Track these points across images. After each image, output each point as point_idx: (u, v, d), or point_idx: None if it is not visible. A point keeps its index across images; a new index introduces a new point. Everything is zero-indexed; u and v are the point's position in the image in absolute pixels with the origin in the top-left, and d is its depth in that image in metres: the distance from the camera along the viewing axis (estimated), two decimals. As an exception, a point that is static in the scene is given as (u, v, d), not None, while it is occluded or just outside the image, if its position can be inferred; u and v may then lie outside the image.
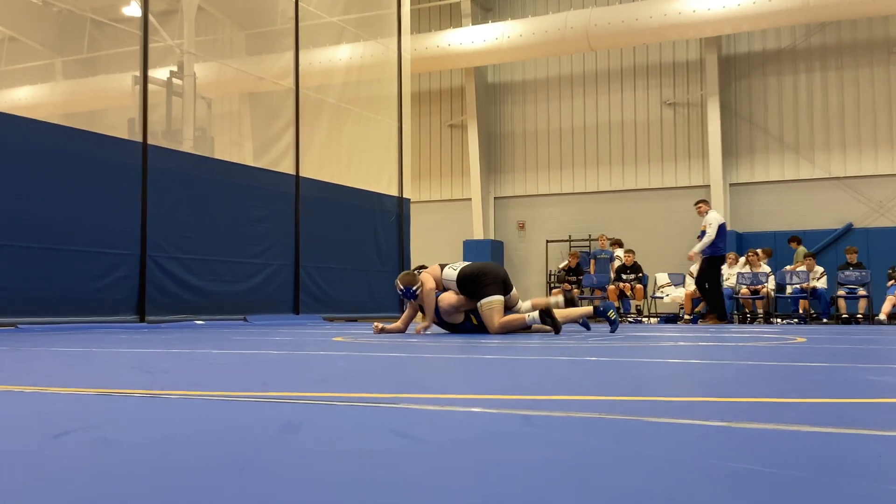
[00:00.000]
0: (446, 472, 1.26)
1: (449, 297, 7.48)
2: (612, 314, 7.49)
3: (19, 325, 8.54)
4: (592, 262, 17.00)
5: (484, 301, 7.23)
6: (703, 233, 12.59)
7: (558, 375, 3.17)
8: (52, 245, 9.22)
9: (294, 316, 12.75)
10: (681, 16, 17.19)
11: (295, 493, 1.11)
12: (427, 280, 7.55)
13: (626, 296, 15.39)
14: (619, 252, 16.19)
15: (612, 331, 7.55)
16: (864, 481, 1.19)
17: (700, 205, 13.06)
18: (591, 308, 7.74)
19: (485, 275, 7.37)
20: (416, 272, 7.90)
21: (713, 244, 12.47)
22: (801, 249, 15.39)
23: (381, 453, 1.41)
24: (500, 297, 7.25)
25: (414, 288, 7.54)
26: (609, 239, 17.15)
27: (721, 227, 12.65)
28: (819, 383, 2.82)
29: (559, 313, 7.49)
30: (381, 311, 13.16)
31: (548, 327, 7.34)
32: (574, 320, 7.61)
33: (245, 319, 11.53)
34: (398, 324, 7.91)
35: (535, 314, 7.07)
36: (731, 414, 1.95)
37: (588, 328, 7.60)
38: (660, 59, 20.04)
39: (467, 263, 7.67)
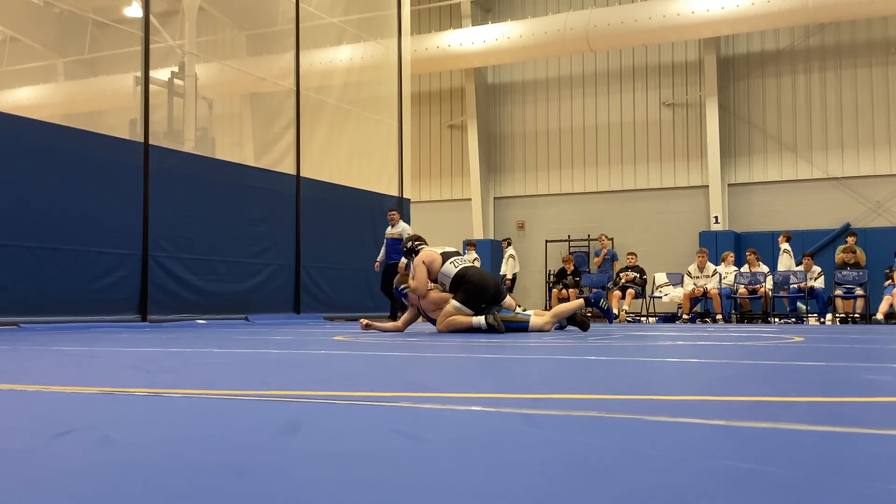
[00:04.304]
0: (447, 471, 1.27)
1: (434, 295, 7.58)
2: (604, 303, 7.69)
3: (21, 325, 8.55)
4: (597, 259, 16.98)
5: (454, 303, 7.39)
6: (396, 240, 12.55)
7: (558, 374, 3.18)
8: (54, 245, 9.23)
9: (295, 315, 12.76)
10: (679, 17, 17.20)
11: (295, 493, 1.12)
12: (419, 265, 7.60)
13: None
14: (786, 245, 15.71)
15: (609, 320, 8.14)
16: (862, 480, 1.20)
17: (394, 213, 13.01)
18: (582, 301, 7.79)
19: (473, 283, 7.46)
20: (414, 243, 7.99)
21: (391, 254, 12.50)
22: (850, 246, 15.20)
23: (382, 452, 1.41)
24: (468, 311, 7.38)
25: (402, 287, 7.81)
26: (610, 238, 17.11)
27: None
28: (817, 382, 2.83)
29: (554, 311, 7.62)
30: (381, 311, 13.17)
31: (548, 328, 7.44)
32: (565, 316, 7.64)
33: (246, 319, 11.54)
34: (398, 323, 7.93)
35: (482, 319, 7.22)
36: (730, 413, 1.96)
37: (583, 328, 7.60)
38: (659, 60, 20.05)
39: (468, 266, 7.70)
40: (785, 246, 15.54)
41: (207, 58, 14.17)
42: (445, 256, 7.70)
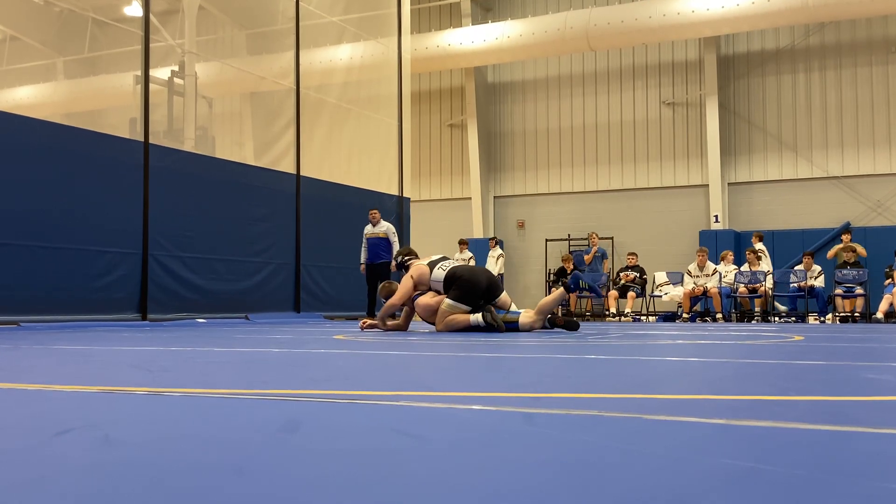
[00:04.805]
0: (447, 470, 1.27)
1: (426, 300, 7.56)
2: (583, 283, 7.76)
3: (21, 324, 8.55)
4: (587, 257, 16.99)
5: (448, 301, 7.41)
6: (382, 240, 12.52)
7: (558, 373, 3.18)
8: (54, 244, 9.23)
9: (295, 314, 12.77)
10: (679, 16, 17.20)
11: (295, 493, 1.12)
12: (410, 271, 7.65)
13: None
14: (759, 245, 15.71)
15: (598, 295, 8.59)
16: (862, 479, 1.20)
17: (375, 211, 12.93)
18: (562, 290, 7.78)
19: (464, 279, 7.48)
20: (404, 258, 8.03)
21: (379, 253, 12.49)
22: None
23: (382, 452, 1.41)
24: (464, 307, 7.40)
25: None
26: (599, 238, 17.10)
27: None
28: (817, 381, 2.83)
29: (538, 306, 7.61)
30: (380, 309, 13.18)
31: (537, 325, 7.48)
32: (551, 309, 7.62)
33: (246, 317, 11.54)
34: (399, 322, 7.94)
35: (479, 316, 7.24)
36: (731, 412, 1.96)
37: (570, 328, 7.61)
38: (659, 59, 20.04)
39: (457, 266, 7.72)
40: (759, 246, 15.55)
41: (207, 57, 14.16)
42: (432, 265, 7.73)
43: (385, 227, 12.74)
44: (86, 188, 9.63)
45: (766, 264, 15.12)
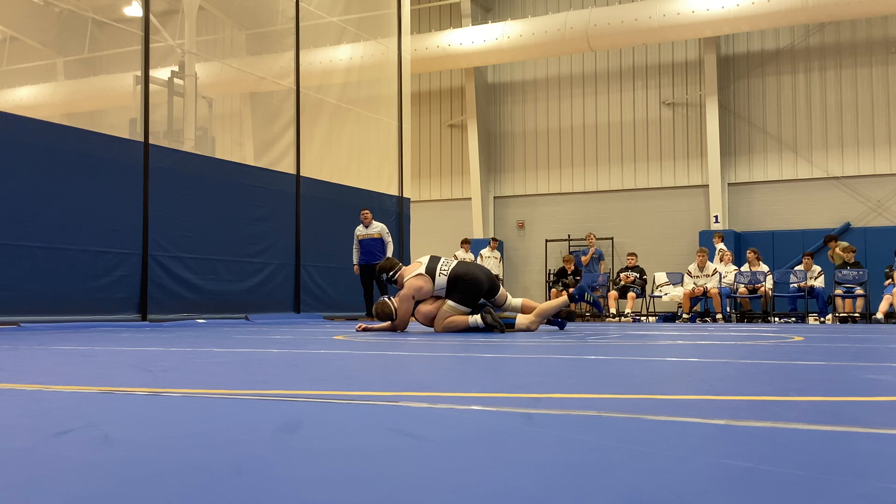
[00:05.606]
0: (447, 470, 1.27)
1: (426, 307, 7.50)
2: (589, 296, 7.76)
3: (21, 324, 8.55)
4: (584, 258, 17.00)
5: (450, 303, 7.38)
6: (376, 240, 12.51)
7: (558, 374, 3.18)
8: (54, 244, 9.24)
9: (295, 314, 12.77)
10: (680, 16, 17.21)
11: (294, 492, 1.12)
12: (406, 289, 7.50)
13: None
14: (721, 245, 15.80)
15: (599, 310, 8.44)
16: (862, 479, 1.20)
17: (367, 212, 12.89)
18: (565, 297, 7.75)
19: (467, 282, 7.41)
20: (392, 272, 7.86)
21: (375, 254, 12.47)
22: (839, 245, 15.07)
23: (381, 452, 1.41)
24: (465, 309, 7.37)
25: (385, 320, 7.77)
26: (598, 238, 17.12)
27: None
28: (817, 382, 2.82)
29: (538, 309, 7.55)
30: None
31: (534, 328, 7.44)
32: (550, 314, 7.60)
33: (246, 318, 11.54)
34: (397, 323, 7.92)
35: (478, 318, 7.22)
36: (731, 412, 1.95)
37: (562, 328, 7.63)
38: (659, 60, 20.05)
39: (456, 266, 7.60)
40: (720, 246, 15.53)
41: (207, 57, 14.18)
42: (431, 271, 7.50)
43: (378, 228, 12.75)
44: (86, 188, 9.63)
45: (723, 265, 15.11)
